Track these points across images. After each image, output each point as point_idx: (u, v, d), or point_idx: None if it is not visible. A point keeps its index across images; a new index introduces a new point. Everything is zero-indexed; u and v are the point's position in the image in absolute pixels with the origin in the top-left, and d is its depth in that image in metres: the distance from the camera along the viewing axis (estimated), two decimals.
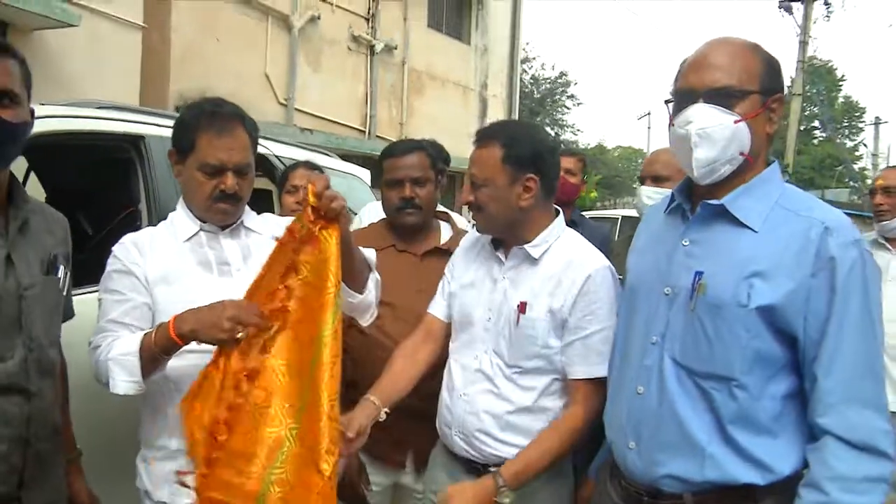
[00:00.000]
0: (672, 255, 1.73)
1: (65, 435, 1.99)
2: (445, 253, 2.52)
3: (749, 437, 1.60)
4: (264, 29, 11.68)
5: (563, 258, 2.11)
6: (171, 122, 3.09)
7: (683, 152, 1.68)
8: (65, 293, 1.96)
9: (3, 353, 1.67)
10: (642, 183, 2.91)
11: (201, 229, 2.11)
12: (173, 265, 2.06)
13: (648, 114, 39.68)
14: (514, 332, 2.08)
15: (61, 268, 1.90)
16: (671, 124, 1.72)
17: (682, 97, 1.69)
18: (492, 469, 2.03)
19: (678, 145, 1.70)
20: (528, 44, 32.99)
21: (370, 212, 3.52)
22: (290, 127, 11.13)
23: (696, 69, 1.67)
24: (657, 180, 2.82)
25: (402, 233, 2.68)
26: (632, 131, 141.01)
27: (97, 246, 3.31)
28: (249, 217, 2.20)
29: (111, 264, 2.05)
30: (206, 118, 2.03)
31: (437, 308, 2.34)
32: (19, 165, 4.02)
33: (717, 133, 1.62)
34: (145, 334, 1.89)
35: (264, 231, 2.19)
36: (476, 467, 2.14)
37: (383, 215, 2.84)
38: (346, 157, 8.31)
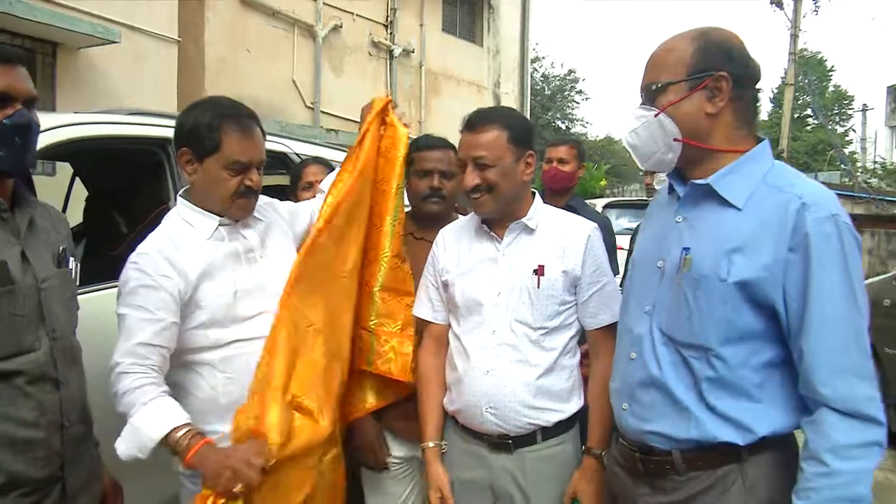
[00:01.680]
0: (667, 232, 1.71)
1: None
2: None
3: (728, 402, 1.57)
4: (291, 39, 11.72)
5: (556, 225, 2.18)
6: None
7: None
8: (77, 284, 1.91)
9: (32, 345, 1.64)
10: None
11: (220, 224, 2.06)
12: (208, 261, 2.00)
13: None
14: (534, 295, 2.08)
15: (71, 259, 1.86)
16: None
17: None
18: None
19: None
20: (537, 44, 32.86)
21: None
22: (317, 128, 11.11)
23: (644, 71, 1.71)
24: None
25: (422, 221, 2.62)
26: None
27: (132, 243, 3.32)
28: None
29: (137, 278, 1.91)
30: (228, 119, 1.99)
31: (432, 314, 2.31)
32: (66, 171, 4.04)
33: (643, 130, 1.67)
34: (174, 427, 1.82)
35: (265, 217, 2.20)
36: (506, 442, 2.10)
37: None
38: None
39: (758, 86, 1.67)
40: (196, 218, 2.06)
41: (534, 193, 2.23)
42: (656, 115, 1.63)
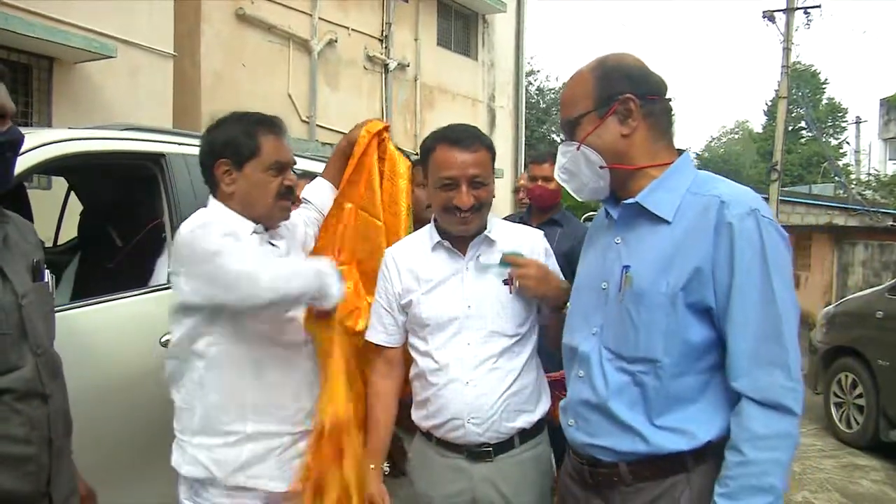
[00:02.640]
0: (607, 253, 1.76)
1: None
2: None
3: (674, 414, 1.61)
4: (286, 53, 11.77)
5: (511, 236, 2.23)
6: (189, 140, 3.11)
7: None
8: (54, 296, 1.91)
9: (17, 362, 1.63)
10: None
11: (254, 231, 2.11)
12: None
13: None
14: (508, 304, 2.13)
15: (46, 272, 1.85)
16: None
17: None
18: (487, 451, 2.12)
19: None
20: (532, 58, 32.91)
21: None
22: (312, 142, 11.15)
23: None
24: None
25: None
26: None
27: (125, 257, 3.34)
28: None
29: (221, 230, 1.96)
30: (263, 125, 2.11)
31: (387, 338, 2.27)
32: (62, 184, 4.06)
33: (570, 165, 1.75)
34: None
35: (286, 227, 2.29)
36: (486, 450, 2.12)
37: None
38: None
39: (667, 96, 1.73)
40: (235, 219, 2.09)
41: None
42: (578, 149, 1.71)
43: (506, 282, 2.14)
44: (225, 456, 2.02)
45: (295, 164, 2.18)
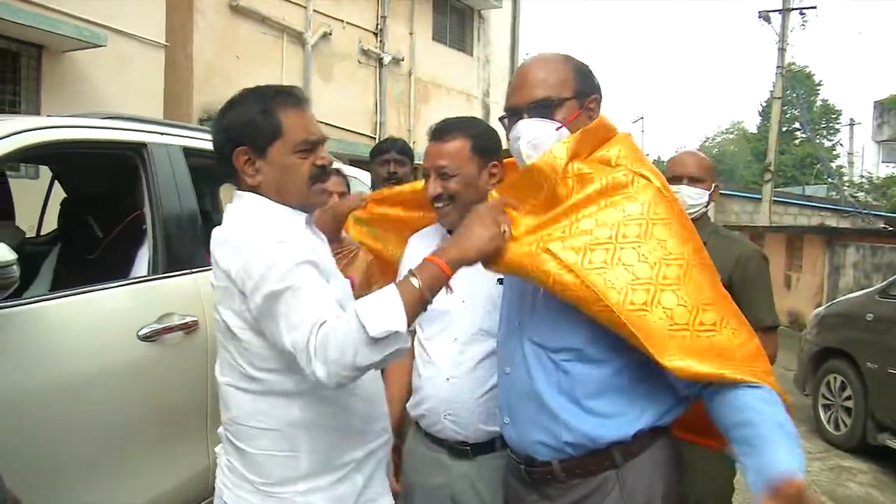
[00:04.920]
0: None
1: None
2: None
3: (601, 399, 1.63)
4: (280, 46, 11.72)
5: None
6: (172, 131, 3.05)
7: (521, 163, 1.76)
8: None
9: None
10: (679, 182, 2.79)
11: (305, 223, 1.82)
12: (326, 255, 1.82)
13: (642, 118, 40.39)
14: (499, 303, 2.07)
15: None
16: (508, 139, 1.79)
17: (511, 115, 1.75)
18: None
19: (517, 157, 1.78)
20: (527, 53, 32.82)
21: None
22: None
23: (518, 88, 1.74)
24: (694, 181, 2.80)
25: None
26: None
27: (106, 248, 3.28)
28: None
29: (293, 256, 1.56)
30: (282, 99, 1.75)
31: None
32: (46, 173, 4.00)
33: (543, 141, 1.69)
34: (394, 285, 1.51)
35: None
36: (465, 448, 2.11)
37: None
38: (357, 161, 8.31)
39: None
40: (285, 213, 1.76)
41: None
42: (558, 129, 1.69)
43: (500, 281, 2.08)
44: (343, 491, 1.74)
45: (326, 139, 1.82)
